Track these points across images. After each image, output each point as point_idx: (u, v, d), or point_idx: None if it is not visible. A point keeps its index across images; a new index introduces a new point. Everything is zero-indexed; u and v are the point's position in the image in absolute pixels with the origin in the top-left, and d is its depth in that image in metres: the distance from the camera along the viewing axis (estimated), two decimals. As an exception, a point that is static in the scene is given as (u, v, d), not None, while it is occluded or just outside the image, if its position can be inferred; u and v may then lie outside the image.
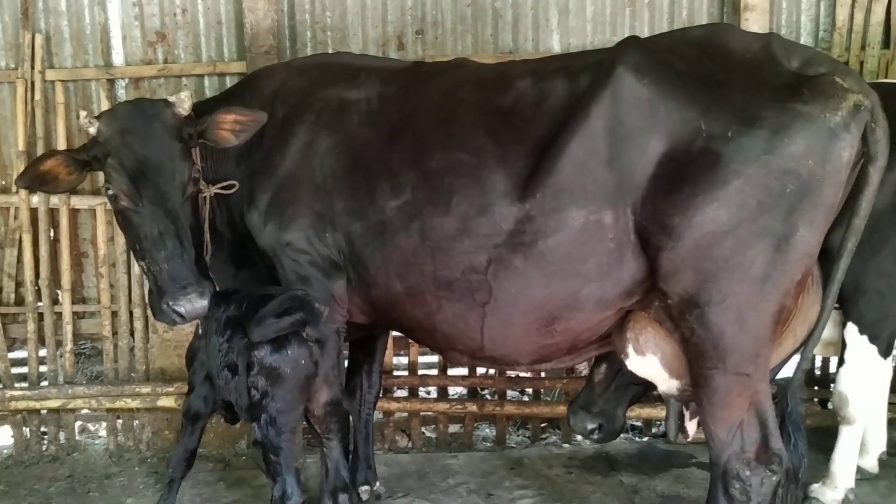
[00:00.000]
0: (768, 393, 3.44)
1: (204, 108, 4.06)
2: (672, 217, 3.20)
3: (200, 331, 4.04)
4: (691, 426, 3.98)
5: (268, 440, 3.69)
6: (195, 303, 3.61)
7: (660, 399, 5.28)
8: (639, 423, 5.75)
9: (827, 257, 3.53)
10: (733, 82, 3.22)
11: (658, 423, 5.65)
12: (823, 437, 4.80)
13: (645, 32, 5.47)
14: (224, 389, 3.83)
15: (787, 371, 3.94)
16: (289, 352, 3.63)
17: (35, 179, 3.78)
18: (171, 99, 3.82)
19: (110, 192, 3.72)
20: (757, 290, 3.19)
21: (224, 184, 4.10)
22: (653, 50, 3.41)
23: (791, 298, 3.32)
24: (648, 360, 3.62)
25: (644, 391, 4.37)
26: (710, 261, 3.19)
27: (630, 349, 3.62)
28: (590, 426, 4.34)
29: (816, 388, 5.59)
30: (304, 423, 3.97)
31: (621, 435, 5.57)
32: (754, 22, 5.28)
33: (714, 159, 3.14)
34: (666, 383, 3.71)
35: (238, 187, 4.09)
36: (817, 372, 5.63)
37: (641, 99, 3.27)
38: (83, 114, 3.76)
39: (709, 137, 3.16)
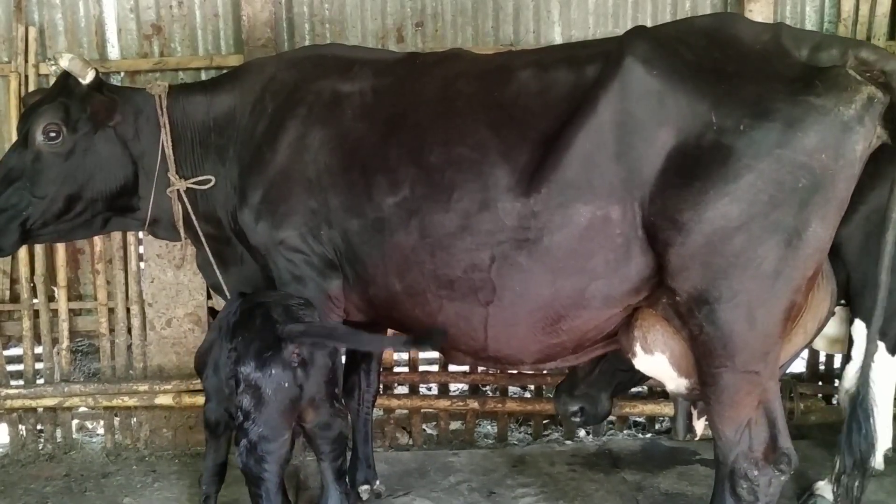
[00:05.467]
0: (777, 391, 3.39)
1: (185, 92, 4.25)
2: (682, 212, 3.14)
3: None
4: (699, 425, 3.93)
5: (248, 469, 3.45)
6: None
7: (663, 395, 5.30)
8: (642, 420, 5.71)
9: (836, 252, 3.48)
10: (744, 74, 3.16)
11: (661, 419, 5.60)
12: (829, 434, 4.77)
13: (648, 24, 5.37)
14: (229, 401, 3.65)
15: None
16: (272, 372, 3.42)
17: None
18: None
19: None
20: (768, 286, 3.13)
21: (198, 178, 4.11)
22: (661, 40, 3.33)
23: (802, 295, 3.27)
24: (656, 359, 3.56)
25: (634, 379, 4.38)
26: (720, 257, 3.13)
27: (637, 348, 3.56)
28: (571, 408, 4.49)
29: (822, 383, 5.55)
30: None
31: (624, 432, 5.60)
32: (758, 13, 5.22)
33: (725, 153, 3.08)
34: (674, 382, 3.65)
35: (213, 183, 4.10)
36: (822, 367, 5.59)
37: (651, 91, 3.21)
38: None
39: (720, 131, 3.10)
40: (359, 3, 5.52)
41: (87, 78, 4.00)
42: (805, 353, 5.32)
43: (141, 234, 5.23)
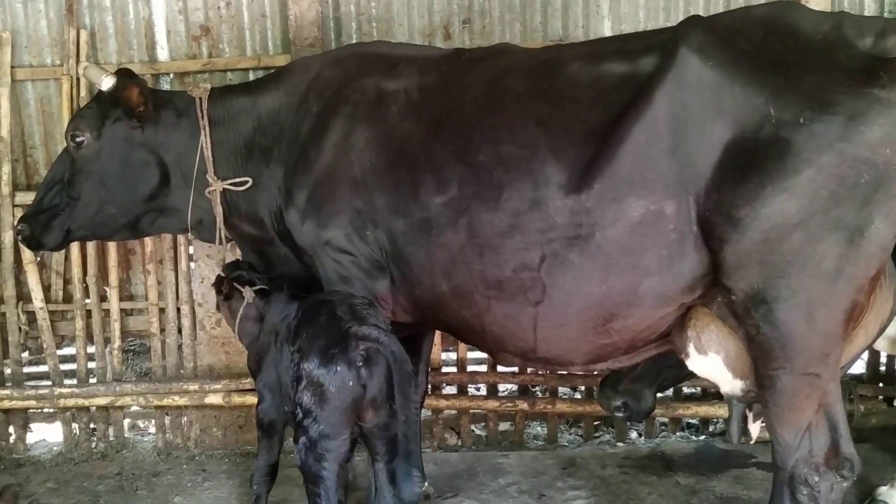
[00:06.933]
0: (839, 394, 3.28)
1: (228, 94, 4.28)
2: (738, 208, 3.04)
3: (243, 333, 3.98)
4: (754, 428, 3.84)
5: (307, 467, 3.46)
6: (19, 233, 4.28)
7: (717, 396, 5.18)
8: (695, 422, 5.59)
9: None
10: (804, 65, 3.05)
11: (716, 421, 5.48)
12: (890, 437, 4.62)
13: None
14: (289, 401, 3.65)
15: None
16: (336, 369, 3.41)
17: None
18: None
19: None
20: (828, 285, 3.03)
21: (235, 180, 4.13)
22: (717, 30, 3.24)
23: (864, 294, 3.14)
24: (711, 360, 3.46)
25: (680, 374, 4.32)
26: (778, 255, 3.03)
27: (691, 348, 3.46)
28: (614, 403, 4.43)
29: (883, 385, 5.40)
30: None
31: (677, 434, 5.50)
32: (815, 2, 5.08)
33: (784, 147, 2.98)
34: (729, 384, 3.54)
35: (251, 184, 4.12)
36: (883, 368, 5.44)
37: (706, 82, 3.12)
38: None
39: (778, 124, 3.00)
40: (405, 1, 5.50)
41: (104, 85, 4.09)
42: (865, 354, 5.16)
43: (190, 235, 5.26)
